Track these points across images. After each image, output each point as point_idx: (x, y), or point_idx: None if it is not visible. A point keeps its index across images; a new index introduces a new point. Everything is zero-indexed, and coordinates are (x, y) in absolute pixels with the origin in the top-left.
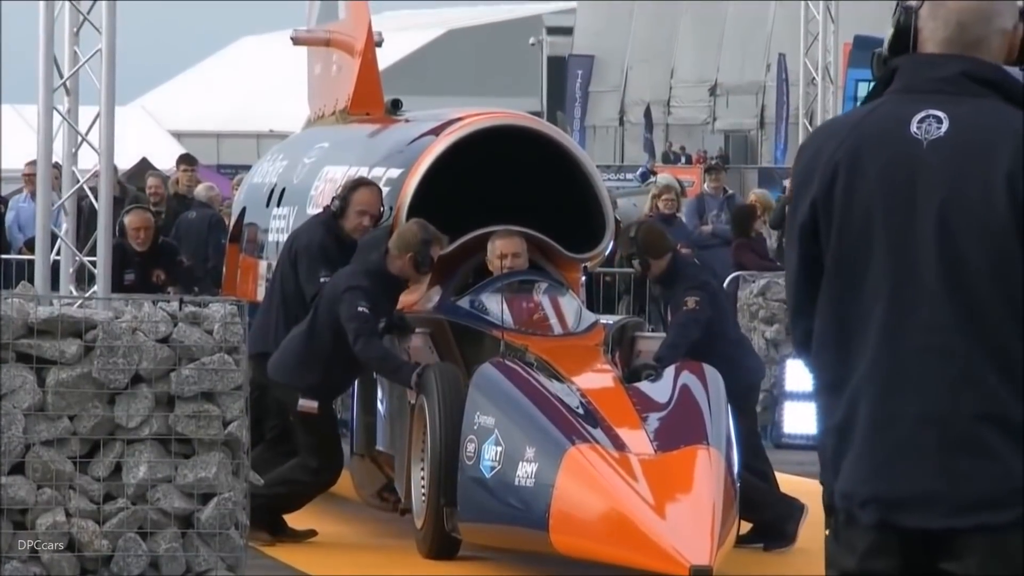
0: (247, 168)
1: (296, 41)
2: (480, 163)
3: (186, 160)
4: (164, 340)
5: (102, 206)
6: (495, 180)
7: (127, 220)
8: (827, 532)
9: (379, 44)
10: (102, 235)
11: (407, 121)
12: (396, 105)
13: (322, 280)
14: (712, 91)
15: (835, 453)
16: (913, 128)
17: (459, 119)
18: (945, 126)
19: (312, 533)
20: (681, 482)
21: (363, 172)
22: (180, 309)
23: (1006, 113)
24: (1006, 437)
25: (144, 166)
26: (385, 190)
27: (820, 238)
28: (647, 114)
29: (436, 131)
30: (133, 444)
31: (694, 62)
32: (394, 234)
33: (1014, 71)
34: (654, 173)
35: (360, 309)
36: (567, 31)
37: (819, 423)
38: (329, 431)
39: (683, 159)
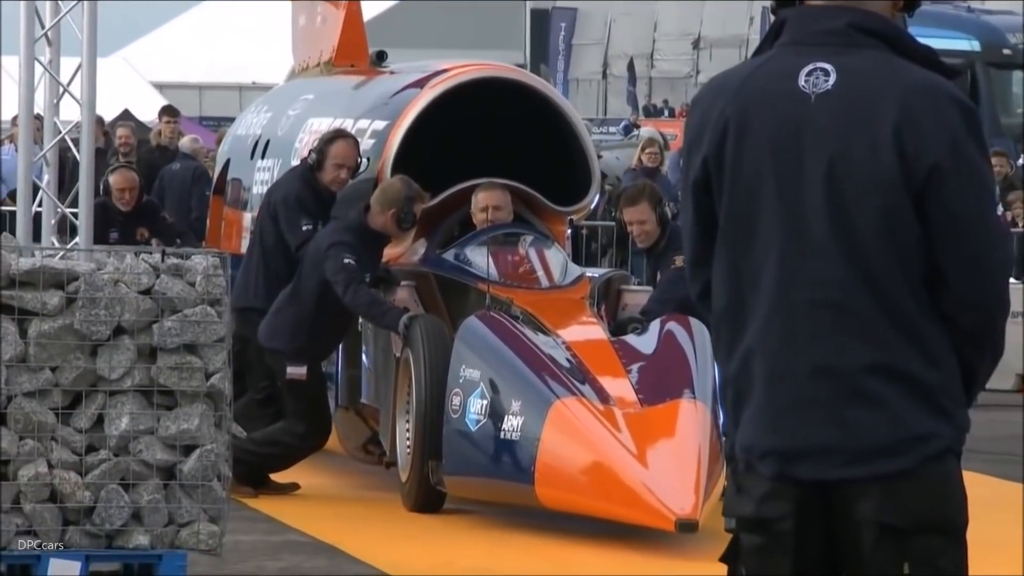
0: (230, 120)
1: None
2: (466, 115)
3: (168, 111)
4: (146, 292)
5: (84, 158)
6: (480, 132)
7: (112, 180)
8: (726, 482)
9: None
10: (84, 187)
11: (392, 73)
12: (381, 57)
13: (304, 228)
14: (695, 44)
15: (734, 405)
16: (801, 81)
17: (444, 71)
18: (833, 78)
19: (295, 486)
20: (666, 435)
21: (348, 124)
22: (162, 261)
23: (894, 64)
24: (897, 387)
25: (125, 118)
26: (370, 143)
27: (713, 195)
28: (630, 67)
29: (421, 83)
30: (115, 396)
31: (677, 15)
32: (377, 189)
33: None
34: (637, 126)
35: (346, 261)
36: None
37: (719, 375)
38: (318, 397)
39: (666, 112)
